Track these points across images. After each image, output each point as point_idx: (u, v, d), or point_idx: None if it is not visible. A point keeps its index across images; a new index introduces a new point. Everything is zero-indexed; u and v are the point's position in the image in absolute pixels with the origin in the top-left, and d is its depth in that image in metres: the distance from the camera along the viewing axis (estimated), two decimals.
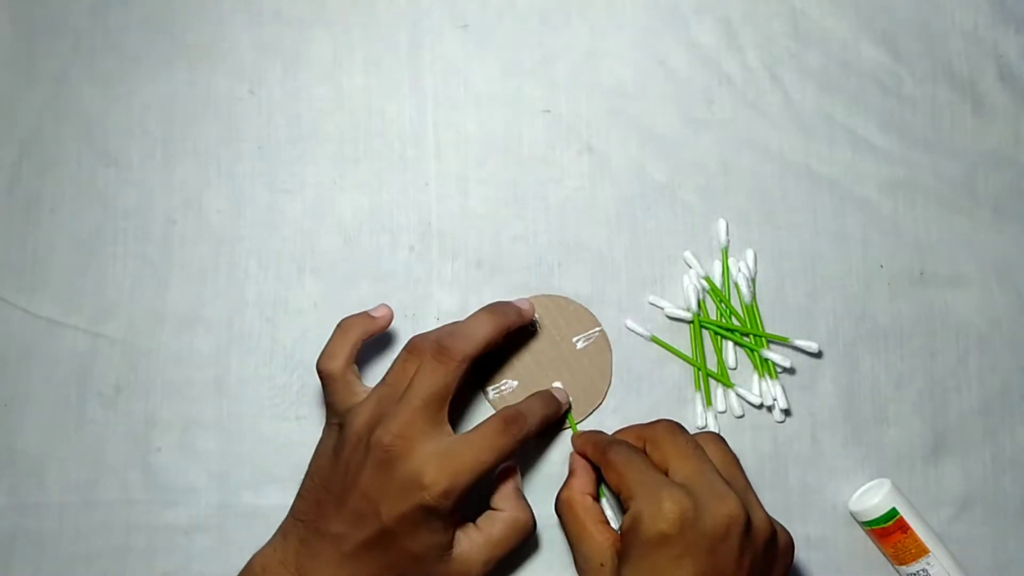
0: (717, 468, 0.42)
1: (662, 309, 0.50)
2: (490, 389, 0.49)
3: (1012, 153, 0.52)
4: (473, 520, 0.45)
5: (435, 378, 0.43)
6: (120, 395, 0.50)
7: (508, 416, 0.44)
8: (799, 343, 0.50)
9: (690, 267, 0.51)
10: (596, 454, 0.45)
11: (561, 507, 0.45)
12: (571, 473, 0.47)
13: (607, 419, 0.49)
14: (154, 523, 0.49)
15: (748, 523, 0.40)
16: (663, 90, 0.52)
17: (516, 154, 0.52)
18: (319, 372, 0.46)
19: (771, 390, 0.49)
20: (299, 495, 0.45)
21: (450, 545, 0.43)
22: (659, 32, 0.53)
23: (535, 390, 0.49)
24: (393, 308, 0.48)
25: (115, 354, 0.50)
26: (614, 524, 0.46)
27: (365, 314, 0.47)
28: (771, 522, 0.42)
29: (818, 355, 0.50)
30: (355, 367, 0.46)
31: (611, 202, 0.51)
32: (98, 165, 0.52)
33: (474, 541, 0.44)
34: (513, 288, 0.50)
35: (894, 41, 0.53)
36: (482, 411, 0.49)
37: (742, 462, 0.49)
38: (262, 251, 0.51)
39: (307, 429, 0.49)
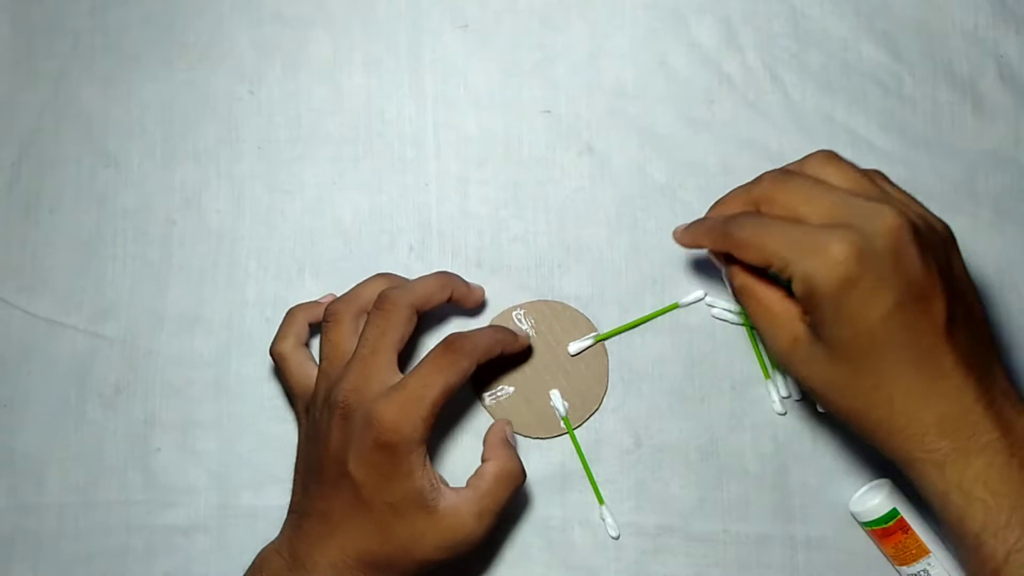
0: (848, 189, 0.40)
1: (711, 308, 0.50)
2: (486, 395, 0.49)
3: (1012, 153, 0.52)
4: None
5: (379, 328, 0.43)
6: (120, 396, 0.50)
7: (449, 339, 0.43)
8: None
9: None
10: (716, 239, 0.43)
11: (741, 295, 0.43)
12: (728, 259, 0.44)
13: (606, 419, 0.49)
14: (154, 523, 0.49)
15: (912, 225, 0.38)
16: (663, 90, 0.52)
17: (516, 155, 0.52)
18: (272, 355, 0.47)
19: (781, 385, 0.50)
20: (292, 492, 0.45)
21: (427, 492, 0.42)
22: (659, 32, 0.53)
23: (532, 396, 0.49)
24: None
25: (114, 355, 0.50)
26: None
27: (311, 301, 0.49)
28: (927, 214, 0.40)
29: None
30: (307, 349, 0.47)
31: (611, 202, 0.51)
32: (98, 165, 0.52)
33: (462, 495, 0.43)
34: (513, 288, 0.50)
35: (894, 41, 0.53)
36: (480, 418, 0.49)
37: (742, 462, 0.49)
38: (262, 251, 0.51)
39: None
